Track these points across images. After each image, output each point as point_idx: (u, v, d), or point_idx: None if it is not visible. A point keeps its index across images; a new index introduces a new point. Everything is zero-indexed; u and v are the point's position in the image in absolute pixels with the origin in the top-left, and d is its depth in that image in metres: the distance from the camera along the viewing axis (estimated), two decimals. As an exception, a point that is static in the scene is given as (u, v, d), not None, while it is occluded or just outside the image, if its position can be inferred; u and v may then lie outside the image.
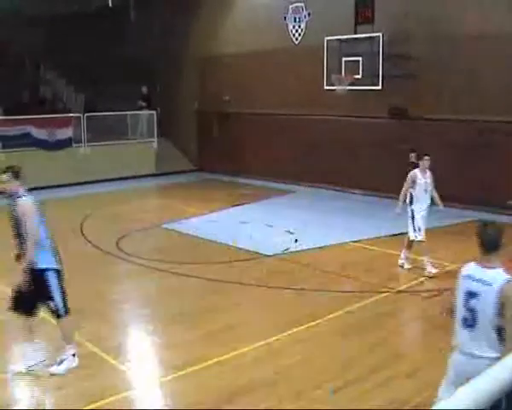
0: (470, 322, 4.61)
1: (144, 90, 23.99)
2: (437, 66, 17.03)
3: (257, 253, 12.35)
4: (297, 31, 20.90)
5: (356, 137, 19.11)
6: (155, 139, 23.95)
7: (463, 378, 2.15)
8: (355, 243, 13.34)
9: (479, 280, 4.59)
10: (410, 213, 11.02)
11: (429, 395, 5.85)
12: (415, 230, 10.96)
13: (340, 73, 18.25)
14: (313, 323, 8.56)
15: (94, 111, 22.28)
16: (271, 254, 12.34)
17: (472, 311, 4.60)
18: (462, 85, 16.58)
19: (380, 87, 17.47)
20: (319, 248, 12.90)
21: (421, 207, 10.93)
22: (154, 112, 23.89)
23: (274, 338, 7.97)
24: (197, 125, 25.21)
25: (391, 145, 17.99)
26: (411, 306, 9.51)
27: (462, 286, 4.72)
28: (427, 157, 10.99)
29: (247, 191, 20.14)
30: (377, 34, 17.37)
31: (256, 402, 6.36)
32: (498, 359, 2.10)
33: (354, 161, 19.16)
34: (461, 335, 4.71)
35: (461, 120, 16.54)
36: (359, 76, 17.87)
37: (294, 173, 20.94)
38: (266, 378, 6.88)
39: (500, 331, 4.45)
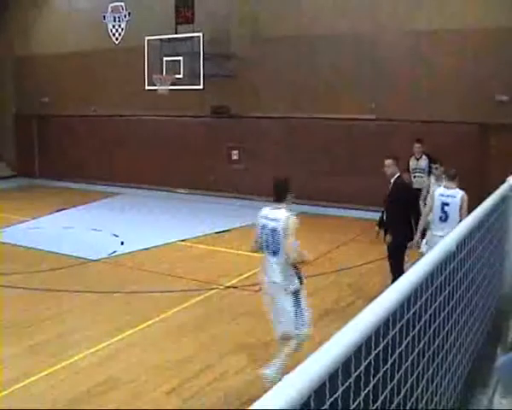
0: (444, 219, 8.28)
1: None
2: (257, 65, 17.56)
3: (82, 258, 12.03)
4: (117, 30, 20.60)
5: (179, 137, 19.21)
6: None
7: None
8: (182, 243, 13.48)
9: (448, 196, 8.29)
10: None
11: (262, 387, 6.04)
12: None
13: (161, 72, 18.21)
14: (145, 324, 8.53)
15: None
16: (97, 258, 12.09)
17: (445, 213, 8.28)
18: (281, 85, 17.24)
19: (201, 87, 17.63)
20: (146, 249, 12.88)
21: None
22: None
23: (106, 344, 7.82)
24: (15, 128, 23.98)
25: (214, 144, 18.32)
26: (240, 300, 9.73)
27: (438, 199, 8.37)
28: (436, 165, 10.29)
29: (71, 195, 19.54)
30: (197, 34, 17.53)
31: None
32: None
33: (177, 160, 19.27)
34: (437, 227, 8.31)
35: (280, 117, 17.23)
36: (180, 76, 17.93)
37: (120, 176, 20.63)
38: (101, 386, 6.69)
39: (460, 219, 7.47)
